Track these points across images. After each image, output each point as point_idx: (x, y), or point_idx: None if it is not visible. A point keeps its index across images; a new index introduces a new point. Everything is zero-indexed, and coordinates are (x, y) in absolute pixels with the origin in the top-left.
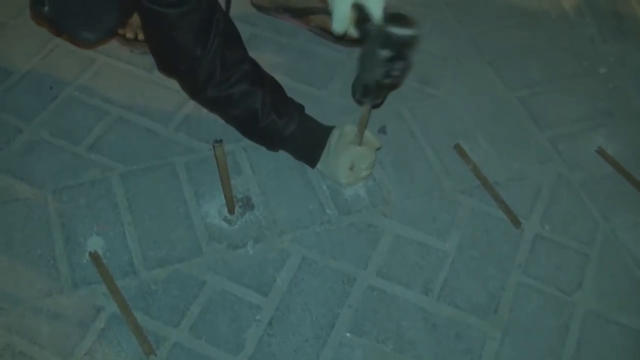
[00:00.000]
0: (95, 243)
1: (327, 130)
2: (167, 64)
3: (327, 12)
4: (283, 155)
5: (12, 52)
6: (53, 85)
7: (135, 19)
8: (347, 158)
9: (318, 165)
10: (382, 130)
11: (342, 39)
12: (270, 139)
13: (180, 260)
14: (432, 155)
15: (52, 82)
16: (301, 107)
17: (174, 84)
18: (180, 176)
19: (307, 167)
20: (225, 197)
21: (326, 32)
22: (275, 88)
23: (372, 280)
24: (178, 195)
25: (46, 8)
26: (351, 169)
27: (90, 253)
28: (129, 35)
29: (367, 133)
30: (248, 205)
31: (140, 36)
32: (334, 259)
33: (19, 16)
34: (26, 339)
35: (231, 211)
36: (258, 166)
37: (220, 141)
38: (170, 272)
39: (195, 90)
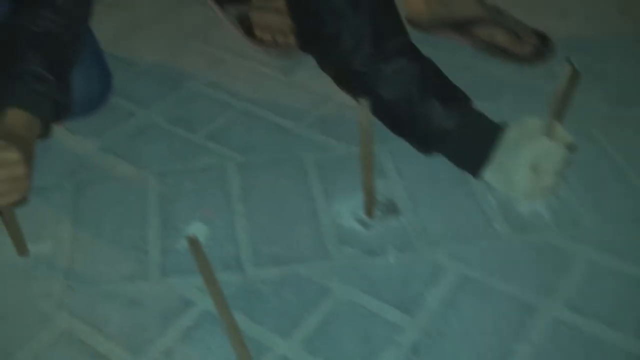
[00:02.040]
0: (196, 230)
1: (499, 129)
2: (309, 30)
3: (492, 22)
4: (438, 161)
5: (142, 49)
6: (176, 77)
7: (273, 22)
8: (529, 154)
9: (485, 175)
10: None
11: (513, 55)
12: (424, 133)
13: (299, 261)
14: (634, 177)
15: (176, 75)
16: (468, 98)
17: (311, 85)
18: (309, 172)
19: (470, 176)
20: (365, 191)
21: (492, 47)
22: (437, 70)
23: (561, 314)
24: (304, 191)
25: None
26: (534, 171)
27: (188, 238)
28: (267, 37)
29: (557, 125)
30: (391, 209)
31: (278, 39)
32: (505, 282)
33: (155, 22)
34: (91, 326)
35: (369, 213)
36: (406, 171)
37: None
38: (285, 272)
39: (338, 63)
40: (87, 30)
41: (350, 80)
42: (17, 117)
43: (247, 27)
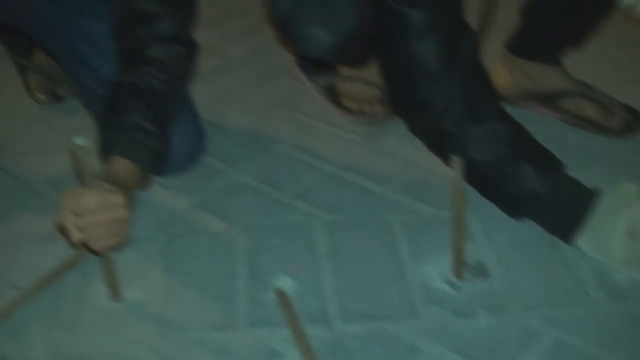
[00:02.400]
0: (283, 283)
1: (593, 194)
2: (401, 92)
3: (580, 95)
4: (528, 225)
5: (232, 115)
6: (265, 141)
7: (360, 92)
8: (627, 220)
9: (578, 241)
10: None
11: (603, 127)
12: (515, 197)
13: (387, 319)
14: None
15: (265, 138)
16: (560, 162)
17: (397, 151)
18: (396, 234)
19: (562, 241)
20: (454, 252)
21: (581, 119)
22: (528, 133)
23: None
24: (391, 251)
25: (282, 1)
26: (632, 237)
27: (276, 291)
28: (354, 106)
29: None
30: (480, 272)
31: (365, 108)
32: (603, 350)
33: (245, 90)
34: None
35: (458, 275)
36: (495, 235)
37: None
38: (373, 329)
39: (429, 125)
40: (187, 89)
41: (440, 141)
42: (120, 165)
43: (334, 96)
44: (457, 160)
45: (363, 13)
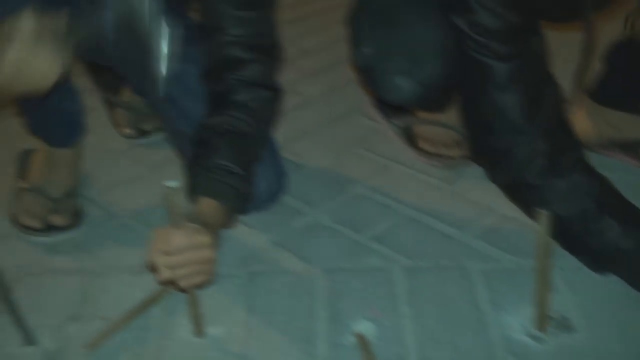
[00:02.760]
0: (363, 327)
1: None
2: (482, 141)
3: None
4: (613, 279)
5: (309, 154)
6: (343, 181)
7: (437, 135)
8: None
9: None
10: None
11: None
12: (599, 252)
13: None
14: None
15: (342, 179)
16: None
17: (474, 196)
18: (475, 282)
19: None
20: (538, 305)
21: None
22: (612, 187)
23: None
24: (470, 300)
25: (366, 49)
26: None
27: (357, 335)
28: (430, 149)
29: None
30: (564, 326)
31: (442, 151)
32: None
33: (322, 129)
34: None
35: (541, 328)
36: (579, 288)
37: (546, 215)
38: None
39: (510, 175)
40: (271, 131)
41: (521, 192)
42: (208, 206)
43: (411, 138)
44: (544, 215)
45: (447, 64)
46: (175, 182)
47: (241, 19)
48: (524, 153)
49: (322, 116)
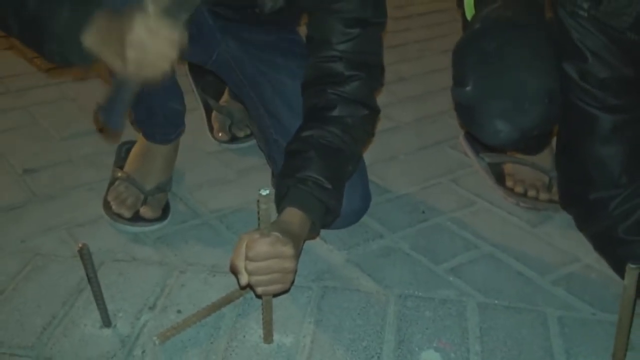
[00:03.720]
0: (430, 357)
1: None
2: (575, 187)
3: None
4: None
5: (395, 179)
6: (425, 211)
7: (527, 176)
8: None
9: None
10: None
11: None
12: None
13: None
14: None
15: (425, 208)
16: None
17: (558, 241)
18: (551, 328)
19: None
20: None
21: None
22: None
23: None
24: (544, 345)
25: (468, 87)
26: None
27: None
28: (518, 189)
29: None
30: None
31: (529, 193)
32: None
33: (409, 156)
34: None
35: None
36: None
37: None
38: None
39: (602, 228)
40: (363, 150)
41: (612, 245)
42: (295, 217)
43: (499, 176)
44: (633, 270)
45: (549, 111)
46: (268, 190)
47: (349, 35)
48: (621, 208)
49: (411, 143)
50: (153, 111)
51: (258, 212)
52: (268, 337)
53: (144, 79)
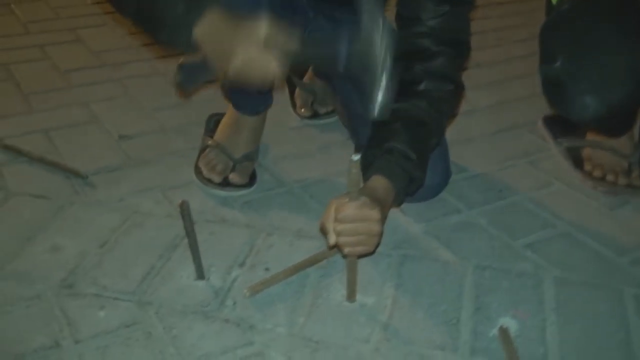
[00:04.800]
0: (507, 324)
1: None
2: None
3: None
4: None
5: (473, 159)
6: (503, 190)
7: (606, 161)
8: None
9: None
10: None
11: None
12: None
13: None
14: None
15: (502, 188)
16: None
17: (638, 225)
18: (628, 306)
19: None
20: None
21: None
22: None
23: None
24: (620, 321)
25: (558, 64)
26: None
27: (501, 328)
28: (596, 174)
29: None
30: None
31: (608, 177)
32: None
33: (488, 138)
34: None
35: None
36: None
37: None
38: None
39: None
40: (447, 125)
41: None
42: (380, 184)
43: (577, 160)
44: None
45: (637, 90)
46: (359, 156)
47: (438, 12)
48: None
49: (488, 126)
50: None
51: (348, 176)
52: (351, 296)
53: (238, 82)
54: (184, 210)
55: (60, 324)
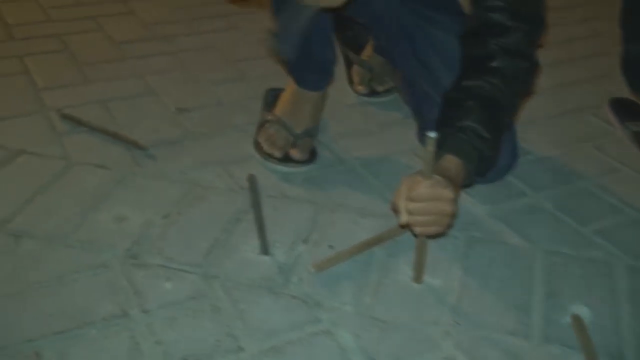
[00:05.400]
0: (580, 311)
1: None
2: None
3: None
4: None
5: (537, 142)
6: (568, 173)
7: None
8: None
9: None
10: None
11: None
12: None
13: None
14: None
15: (568, 171)
16: None
17: None
18: None
19: None
20: None
21: None
22: None
23: None
24: None
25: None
26: None
27: (574, 316)
28: None
29: None
30: None
31: None
32: None
33: (550, 120)
34: None
35: None
36: None
37: None
38: None
39: None
40: (520, 105)
41: None
42: (452, 163)
43: None
44: None
45: None
46: (435, 133)
47: None
48: None
49: (551, 108)
50: (309, 57)
51: (423, 154)
52: (419, 278)
53: (321, 7)
54: (253, 184)
55: (127, 294)
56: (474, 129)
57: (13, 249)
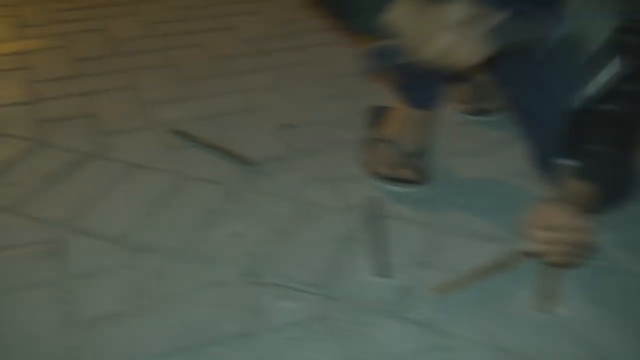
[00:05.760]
0: None
1: None
2: None
3: None
4: None
5: None
6: None
7: None
8: None
9: None
10: None
11: None
12: None
13: None
14: None
15: None
16: None
17: None
18: None
19: None
20: None
21: None
22: None
23: None
24: None
25: None
26: None
27: None
28: None
29: None
30: None
31: None
32: None
33: None
34: None
35: None
36: None
37: None
38: None
39: None
40: None
41: None
42: (581, 189)
43: None
44: None
45: None
46: (572, 161)
47: None
48: None
49: None
50: (420, 76)
51: (555, 181)
52: (547, 307)
53: (437, 66)
54: (375, 208)
55: (249, 312)
56: (611, 155)
57: (138, 264)
